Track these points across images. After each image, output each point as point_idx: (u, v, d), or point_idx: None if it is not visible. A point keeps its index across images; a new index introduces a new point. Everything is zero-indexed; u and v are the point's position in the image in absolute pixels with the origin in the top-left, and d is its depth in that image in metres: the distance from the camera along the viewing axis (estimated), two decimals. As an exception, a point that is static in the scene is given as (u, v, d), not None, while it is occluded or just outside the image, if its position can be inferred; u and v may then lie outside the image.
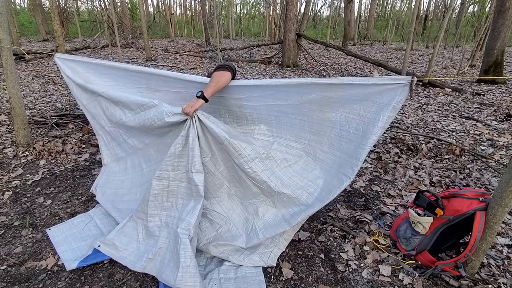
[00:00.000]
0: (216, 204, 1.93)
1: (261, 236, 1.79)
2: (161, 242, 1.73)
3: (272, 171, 1.76)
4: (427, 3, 24.55)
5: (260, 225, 1.84)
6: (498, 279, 1.70)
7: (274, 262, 1.78)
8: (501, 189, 1.52)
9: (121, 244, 1.79)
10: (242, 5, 29.50)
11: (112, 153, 2.40)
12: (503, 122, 4.38)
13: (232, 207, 1.94)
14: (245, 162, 1.70)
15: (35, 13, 15.06)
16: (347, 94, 1.53)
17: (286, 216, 1.79)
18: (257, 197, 1.87)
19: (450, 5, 8.09)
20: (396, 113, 1.43)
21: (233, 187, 1.93)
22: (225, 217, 1.93)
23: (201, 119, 1.69)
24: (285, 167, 1.80)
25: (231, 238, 1.85)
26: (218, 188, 1.91)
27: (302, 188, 1.74)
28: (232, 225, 1.91)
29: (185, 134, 1.70)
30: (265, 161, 1.75)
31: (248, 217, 1.91)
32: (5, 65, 2.81)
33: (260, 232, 1.82)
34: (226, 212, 1.93)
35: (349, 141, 1.59)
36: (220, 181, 1.90)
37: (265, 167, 1.74)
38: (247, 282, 1.67)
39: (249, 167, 1.71)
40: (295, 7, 8.59)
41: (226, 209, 1.94)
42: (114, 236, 1.81)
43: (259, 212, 1.87)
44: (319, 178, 1.75)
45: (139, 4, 8.02)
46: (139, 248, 1.78)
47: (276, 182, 1.74)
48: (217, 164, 1.86)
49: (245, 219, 1.92)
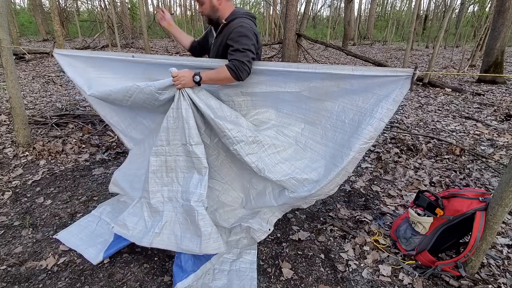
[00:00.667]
0: (214, 172, 1.95)
1: (253, 203, 1.89)
2: (166, 216, 1.73)
3: (259, 156, 1.72)
4: (427, 3, 24.60)
5: (254, 193, 1.94)
6: (498, 279, 1.70)
7: (272, 226, 1.85)
8: (501, 189, 1.52)
9: (131, 223, 1.80)
10: (242, 5, 29.52)
11: (130, 139, 2.38)
12: (503, 122, 4.38)
13: (230, 174, 1.99)
14: (230, 144, 1.67)
15: (35, 13, 15.06)
16: (348, 84, 1.51)
17: (275, 191, 1.83)
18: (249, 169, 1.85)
19: (450, 5, 8.09)
20: (396, 106, 1.39)
21: (230, 157, 1.94)
22: (224, 183, 1.98)
23: (189, 93, 1.63)
24: (273, 153, 1.76)
25: (232, 201, 1.96)
26: (215, 158, 1.93)
27: (288, 175, 1.70)
28: (231, 189, 1.99)
29: (175, 106, 1.65)
30: (251, 145, 1.69)
31: (244, 184, 1.99)
32: (5, 65, 2.81)
33: (253, 200, 1.92)
34: (224, 179, 1.98)
35: (344, 132, 1.57)
36: (217, 151, 1.91)
37: (251, 151, 1.69)
38: (239, 276, 1.71)
39: (234, 149, 1.68)
40: (295, 7, 8.58)
41: (225, 176, 1.98)
42: (125, 217, 1.82)
43: (253, 181, 1.94)
44: (307, 167, 1.71)
45: (139, 4, 8.02)
46: (146, 226, 1.80)
47: (261, 167, 1.69)
48: (212, 136, 1.85)
49: (242, 185, 2.01)
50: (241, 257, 1.84)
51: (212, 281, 1.69)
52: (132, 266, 1.79)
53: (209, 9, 1.69)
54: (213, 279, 1.71)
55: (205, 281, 1.69)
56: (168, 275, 1.73)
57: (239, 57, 1.56)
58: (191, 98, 1.64)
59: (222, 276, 1.72)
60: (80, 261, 1.81)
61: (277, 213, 1.92)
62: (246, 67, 1.57)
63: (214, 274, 1.74)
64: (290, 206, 1.89)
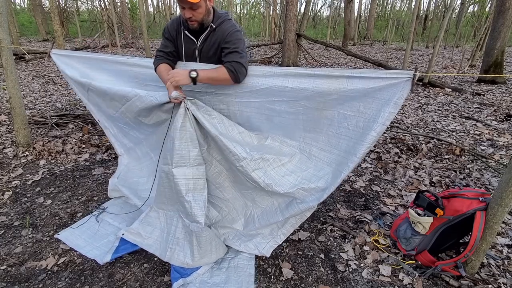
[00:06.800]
0: (216, 190, 1.96)
1: (257, 224, 1.86)
2: (178, 233, 1.81)
3: (265, 171, 1.71)
4: (427, 3, 24.59)
5: (258, 212, 1.91)
6: (498, 279, 1.70)
7: (269, 253, 1.81)
8: (501, 189, 1.52)
9: (146, 232, 1.88)
10: (242, 5, 29.48)
11: (121, 144, 2.40)
12: (503, 122, 4.38)
13: (232, 193, 1.98)
14: (236, 160, 1.67)
15: (35, 13, 15.07)
16: (347, 90, 1.46)
17: (281, 206, 1.82)
18: (252, 189, 1.87)
19: (450, 5, 8.09)
20: (397, 109, 1.38)
21: (231, 175, 1.93)
22: (225, 201, 1.98)
23: (192, 111, 1.62)
24: (278, 166, 1.75)
25: (230, 221, 1.95)
26: (217, 175, 1.93)
27: (296, 186, 1.70)
28: (232, 208, 1.99)
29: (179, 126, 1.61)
30: (256, 161, 1.69)
31: (247, 203, 1.97)
32: (5, 65, 2.81)
33: (257, 219, 1.89)
34: (226, 197, 1.98)
35: (348, 139, 1.55)
36: (219, 168, 1.91)
37: (256, 167, 1.69)
38: (237, 272, 1.73)
39: (240, 166, 1.67)
40: (295, 7, 8.58)
41: (226, 194, 1.98)
42: (138, 226, 1.89)
43: (256, 200, 1.92)
44: (314, 176, 1.71)
45: (139, 4, 8.01)
46: (162, 235, 1.86)
47: (268, 182, 1.69)
48: (214, 153, 1.86)
49: (244, 204, 1.98)
50: (240, 254, 1.86)
51: (210, 278, 1.71)
52: (132, 266, 1.79)
53: (204, 13, 1.56)
54: (211, 276, 1.73)
55: (204, 278, 1.71)
56: (168, 275, 1.72)
57: (237, 59, 1.55)
58: (196, 116, 1.64)
59: (221, 273, 1.74)
60: (80, 261, 1.81)
61: (278, 238, 1.87)
62: (244, 69, 1.57)
63: (213, 271, 1.76)
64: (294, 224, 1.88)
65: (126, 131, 2.29)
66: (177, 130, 1.61)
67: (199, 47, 1.71)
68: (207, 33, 1.65)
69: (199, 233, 1.68)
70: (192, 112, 1.63)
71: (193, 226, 1.68)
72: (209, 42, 1.68)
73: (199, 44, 1.70)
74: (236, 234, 1.92)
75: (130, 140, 2.34)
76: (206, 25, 1.63)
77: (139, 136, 2.24)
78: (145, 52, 10.06)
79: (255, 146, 1.77)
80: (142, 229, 1.88)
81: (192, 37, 1.70)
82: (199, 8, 1.52)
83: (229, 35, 1.59)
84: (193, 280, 1.67)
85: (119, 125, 2.28)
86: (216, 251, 1.78)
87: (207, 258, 1.75)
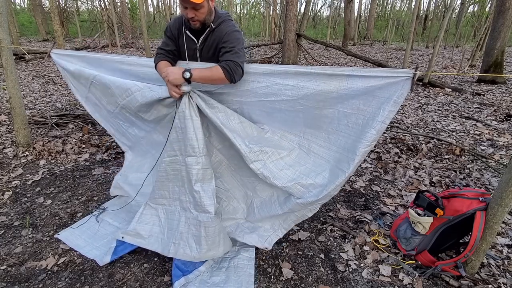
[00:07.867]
0: (217, 180, 1.94)
1: (257, 214, 1.88)
2: (181, 227, 1.76)
3: (264, 163, 1.72)
4: (427, 3, 24.59)
5: (258, 202, 1.94)
6: (498, 279, 1.70)
7: (271, 245, 1.86)
8: (501, 189, 1.52)
9: (145, 232, 1.85)
10: (242, 5, 29.48)
11: (122, 142, 2.40)
12: (503, 122, 4.38)
13: (233, 182, 1.99)
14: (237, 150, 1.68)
15: (35, 13, 15.07)
16: (347, 88, 1.45)
17: (280, 198, 1.82)
18: (255, 176, 1.85)
19: (450, 5, 8.09)
20: (397, 107, 1.38)
21: (232, 164, 1.94)
22: (225, 191, 1.98)
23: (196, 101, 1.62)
24: (276, 159, 1.75)
25: (232, 211, 1.96)
26: (218, 165, 1.93)
27: (293, 180, 1.70)
28: (232, 198, 1.99)
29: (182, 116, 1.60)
30: (256, 153, 1.70)
31: (247, 193, 1.99)
32: (5, 65, 2.81)
33: (256, 209, 1.91)
34: (226, 187, 1.98)
35: (348, 136, 1.55)
36: (219, 158, 1.92)
37: (255, 158, 1.70)
38: (237, 272, 1.74)
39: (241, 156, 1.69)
40: (295, 7, 8.58)
41: (227, 184, 1.98)
42: (136, 226, 1.86)
43: (257, 189, 1.93)
44: (312, 172, 1.71)
45: (139, 4, 8.01)
46: (163, 232, 1.83)
47: (266, 174, 1.69)
48: (215, 142, 1.86)
49: (245, 194, 2.00)
50: (239, 254, 1.86)
51: (210, 277, 1.72)
52: (132, 266, 1.79)
53: (206, 13, 1.55)
54: (211, 275, 1.73)
55: (203, 277, 1.71)
56: (168, 275, 1.73)
57: (233, 58, 1.53)
58: (199, 106, 1.63)
59: (220, 273, 1.75)
60: (80, 261, 1.81)
61: (279, 231, 1.90)
62: (240, 69, 1.54)
63: (212, 271, 1.76)
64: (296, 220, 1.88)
65: (124, 129, 2.27)
66: (188, 119, 1.59)
67: (200, 47, 1.71)
68: (207, 33, 1.66)
69: (208, 223, 1.66)
70: (195, 100, 1.62)
71: (202, 217, 1.67)
72: (208, 42, 1.68)
73: (199, 44, 1.70)
74: (239, 226, 1.93)
75: (129, 138, 2.33)
76: (207, 25, 1.63)
77: (138, 134, 2.23)
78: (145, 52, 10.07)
79: (255, 138, 1.76)
80: (141, 228, 1.86)
81: (192, 37, 1.70)
82: (202, 8, 1.52)
83: (227, 35, 1.59)
84: (193, 280, 1.67)
85: (118, 123, 2.27)
86: (223, 243, 1.76)
87: (214, 251, 1.72)
